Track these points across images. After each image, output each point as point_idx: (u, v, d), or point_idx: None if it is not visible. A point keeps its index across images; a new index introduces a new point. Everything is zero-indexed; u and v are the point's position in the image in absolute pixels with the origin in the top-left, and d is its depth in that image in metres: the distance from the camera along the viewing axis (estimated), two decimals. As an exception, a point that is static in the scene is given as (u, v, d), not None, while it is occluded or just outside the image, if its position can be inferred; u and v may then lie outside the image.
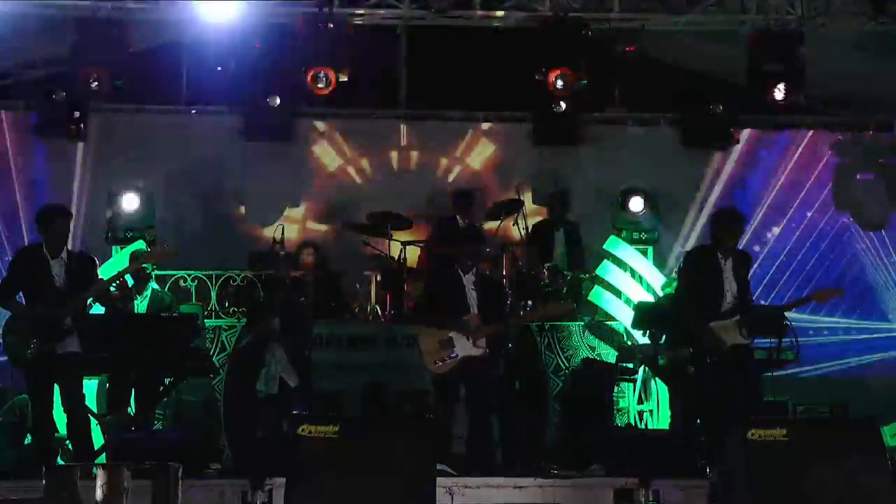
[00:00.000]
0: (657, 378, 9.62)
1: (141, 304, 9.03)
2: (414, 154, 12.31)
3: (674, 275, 9.74)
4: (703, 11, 10.30)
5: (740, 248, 8.16)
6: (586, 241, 10.93)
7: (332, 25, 10.04)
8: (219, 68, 10.76)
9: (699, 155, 12.22)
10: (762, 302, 10.51)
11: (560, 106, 10.78)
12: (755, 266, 9.96)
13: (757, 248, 11.86)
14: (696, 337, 7.83)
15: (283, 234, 10.35)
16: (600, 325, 9.92)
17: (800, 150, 12.34)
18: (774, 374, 8.85)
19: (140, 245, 9.76)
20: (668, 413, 9.07)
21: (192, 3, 10.01)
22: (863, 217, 12.18)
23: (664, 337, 9.01)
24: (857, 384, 11.32)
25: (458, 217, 10.74)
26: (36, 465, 6.76)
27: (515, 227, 10.48)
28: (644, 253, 10.52)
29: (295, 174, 12.07)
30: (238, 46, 10.45)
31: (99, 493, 5.00)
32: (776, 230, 12.18)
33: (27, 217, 11.17)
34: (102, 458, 7.70)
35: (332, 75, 10.14)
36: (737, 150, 12.14)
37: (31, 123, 11.43)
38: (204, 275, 10.09)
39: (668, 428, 9.20)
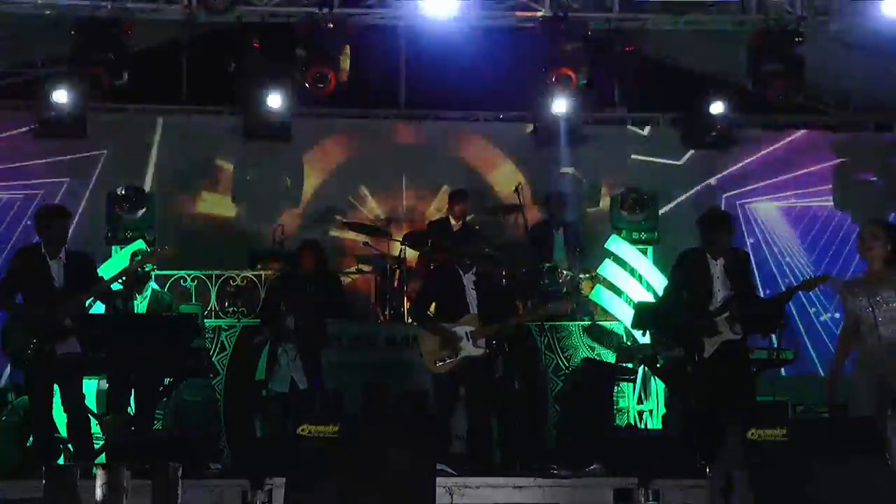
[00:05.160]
0: (657, 378, 9.63)
1: (141, 305, 9.03)
2: (413, 154, 12.31)
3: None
4: (703, 11, 10.29)
5: (736, 247, 8.17)
6: (586, 241, 10.92)
7: (332, 25, 10.03)
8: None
9: (699, 155, 12.23)
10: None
11: (561, 106, 10.78)
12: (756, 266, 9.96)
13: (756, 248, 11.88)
14: (685, 336, 7.86)
15: (283, 233, 10.39)
16: (598, 329, 9.92)
17: (800, 150, 12.35)
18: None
19: (140, 245, 9.75)
20: (664, 412, 9.08)
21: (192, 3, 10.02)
22: (862, 217, 12.17)
23: (661, 337, 9.02)
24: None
25: (450, 218, 10.73)
26: (36, 465, 6.76)
27: (515, 226, 10.49)
28: (644, 253, 10.52)
29: (295, 174, 12.07)
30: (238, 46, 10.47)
31: (99, 493, 5.00)
32: (776, 230, 12.18)
33: (27, 217, 11.18)
34: (102, 458, 7.70)
35: (331, 75, 10.13)
36: (737, 150, 12.15)
37: (32, 123, 11.43)
38: (204, 275, 10.08)
39: (661, 427, 9.22)
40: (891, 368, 6.62)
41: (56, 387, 7.59)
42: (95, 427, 8.30)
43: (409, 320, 9.54)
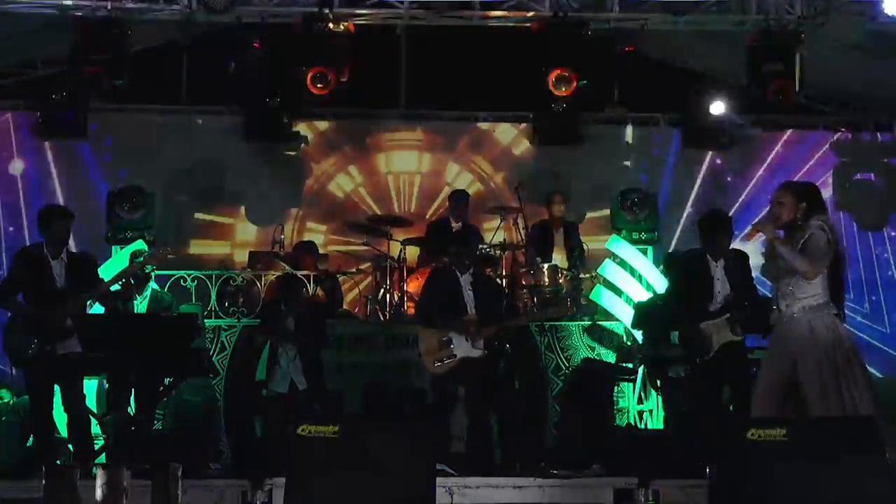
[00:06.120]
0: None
1: (141, 305, 9.03)
2: (413, 154, 12.31)
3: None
4: (703, 11, 10.29)
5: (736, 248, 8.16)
6: (586, 241, 10.92)
7: (332, 25, 10.03)
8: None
9: (699, 155, 12.23)
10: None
11: (560, 106, 10.77)
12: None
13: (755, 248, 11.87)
14: (685, 337, 7.85)
15: (283, 233, 10.38)
16: (598, 329, 9.91)
17: (800, 150, 12.34)
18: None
19: (140, 245, 9.75)
20: (664, 412, 9.07)
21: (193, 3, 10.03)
22: (862, 217, 12.18)
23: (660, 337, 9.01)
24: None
25: (450, 219, 10.73)
26: (36, 465, 6.76)
27: (515, 227, 10.50)
28: (644, 253, 10.52)
29: (295, 174, 12.08)
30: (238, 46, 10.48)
31: (99, 493, 4.99)
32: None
33: (28, 217, 11.19)
34: (102, 458, 7.70)
35: (332, 75, 10.13)
36: (736, 150, 12.15)
37: (32, 123, 11.43)
38: (204, 275, 10.08)
39: (663, 427, 9.22)
40: (795, 348, 6.17)
41: (56, 387, 7.60)
42: (95, 427, 8.30)
43: (409, 320, 9.54)
